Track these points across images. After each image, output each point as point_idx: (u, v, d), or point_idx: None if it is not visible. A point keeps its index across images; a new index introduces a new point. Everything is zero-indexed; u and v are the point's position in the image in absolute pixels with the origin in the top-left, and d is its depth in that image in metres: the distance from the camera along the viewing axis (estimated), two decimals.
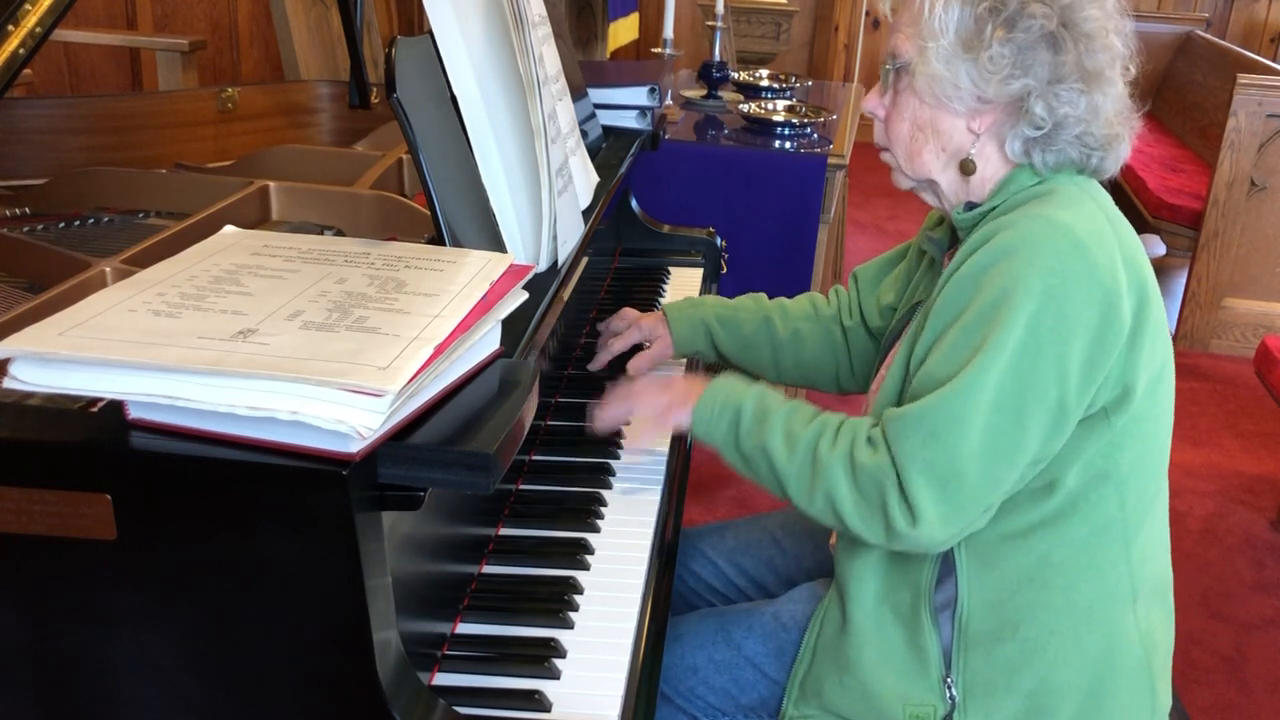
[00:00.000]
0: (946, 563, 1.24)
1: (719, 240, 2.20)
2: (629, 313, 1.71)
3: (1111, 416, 1.20)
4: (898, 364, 1.28)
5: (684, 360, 1.72)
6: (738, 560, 1.59)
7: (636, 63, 3.28)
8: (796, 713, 1.32)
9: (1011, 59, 1.21)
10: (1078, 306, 1.14)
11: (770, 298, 1.68)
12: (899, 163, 1.34)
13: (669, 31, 3.34)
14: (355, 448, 0.79)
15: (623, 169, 1.80)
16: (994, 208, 1.25)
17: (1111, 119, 1.24)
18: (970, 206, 1.30)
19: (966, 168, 1.28)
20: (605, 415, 1.41)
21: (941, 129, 1.28)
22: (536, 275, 1.27)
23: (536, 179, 1.26)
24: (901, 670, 1.26)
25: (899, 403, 1.25)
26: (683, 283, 2.11)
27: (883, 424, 1.20)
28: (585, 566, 1.24)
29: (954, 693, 1.24)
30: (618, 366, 1.65)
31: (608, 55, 3.97)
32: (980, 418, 1.14)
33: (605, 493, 1.38)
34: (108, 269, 1.26)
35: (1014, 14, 1.20)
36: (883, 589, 1.28)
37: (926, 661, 1.25)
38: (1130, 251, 1.22)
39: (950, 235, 1.40)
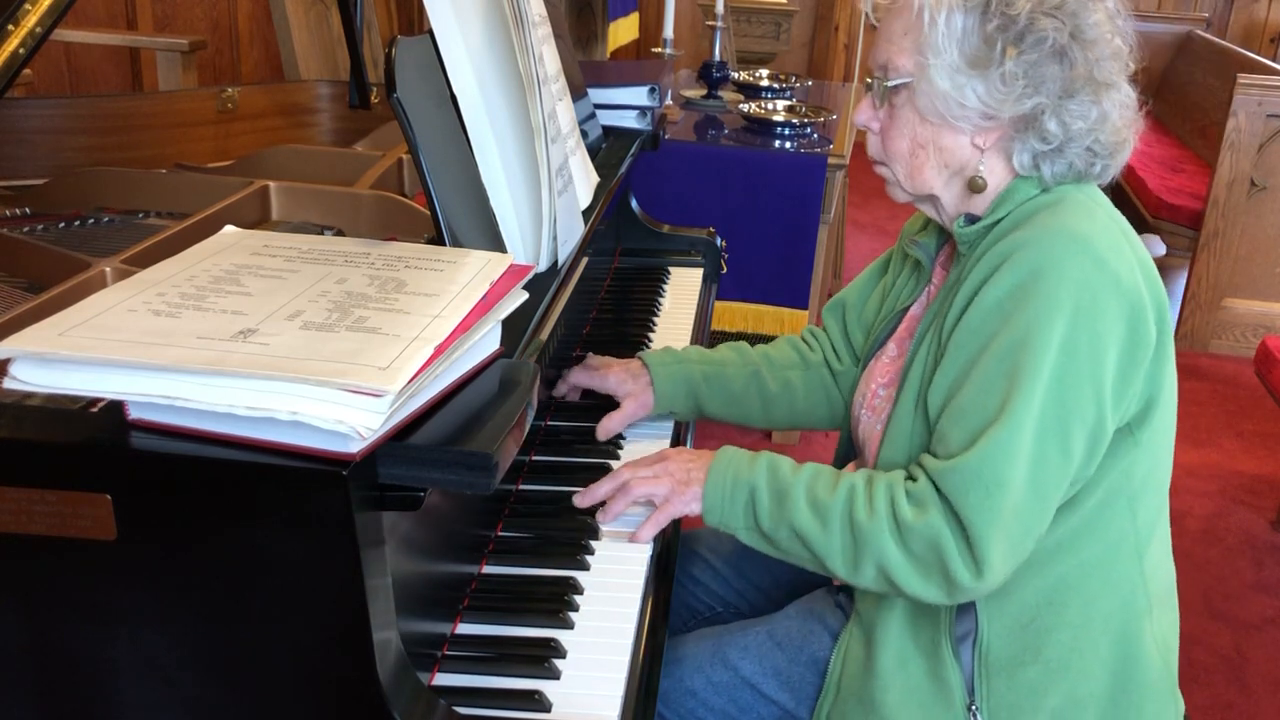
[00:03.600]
0: None
1: (719, 240, 2.20)
2: (598, 361, 1.59)
3: (1136, 431, 1.19)
4: (909, 393, 1.25)
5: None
6: (738, 565, 1.58)
7: (636, 63, 3.28)
8: None
9: (1024, 77, 1.17)
10: (1108, 322, 1.12)
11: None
12: (898, 179, 1.30)
13: (669, 31, 3.35)
14: (355, 448, 0.78)
15: (623, 169, 1.80)
16: (998, 221, 1.22)
17: (1119, 125, 1.22)
18: (970, 219, 1.26)
19: (975, 185, 1.24)
20: (605, 513, 1.30)
21: (944, 146, 1.24)
22: (536, 275, 1.27)
23: (536, 179, 1.26)
24: (926, 704, 1.24)
25: (921, 437, 1.22)
26: (683, 283, 2.11)
27: (930, 475, 1.15)
28: (585, 566, 1.24)
29: (979, 719, 1.23)
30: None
31: (608, 55, 3.97)
32: (1027, 448, 1.11)
33: None
34: (108, 269, 1.26)
35: (1024, 29, 1.16)
36: (905, 626, 1.26)
37: (950, 692, 1.23)
38: (1145, 264, 1.20)
39: (939, 240, 1.38)
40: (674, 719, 1.37)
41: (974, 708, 1.23)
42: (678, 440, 1.48)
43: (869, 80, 1.29)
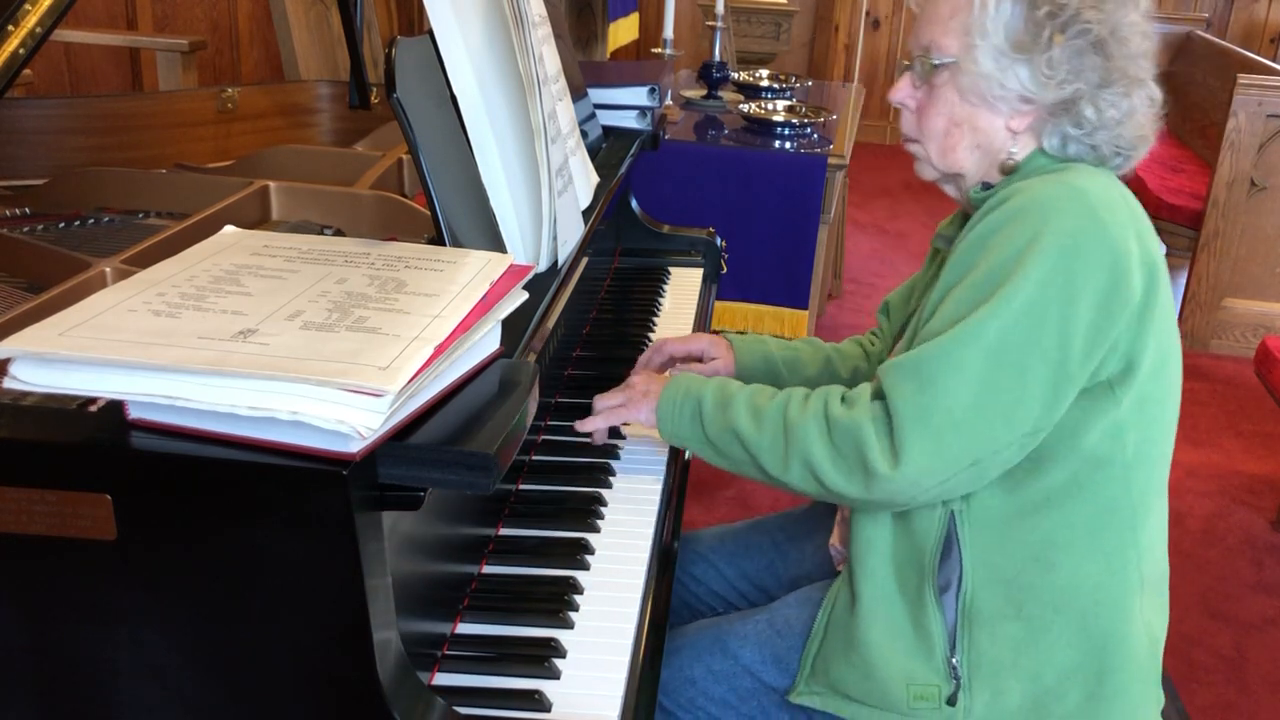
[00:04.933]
0: (949, 540, 1.24)
1: (719, 240, 2.20)
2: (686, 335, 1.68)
3: (1116, 389, 1.20)
4: (906, 340, 1.29)
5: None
6: (739, 564, 1.59)
7: (636, 63, 3.28)
8: (806, 689, 1.32)
9: (1067, 64, 1.21)
10: (1088, 267, 1.14)
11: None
12: (929, 156, 1.34)
13: (669, 31, 3.35)
14: (355, 448, 0.79)
15: (623, 169, 1.80)
16: (1009, 186, 1.26)
17: (1142, 121, 1.26)
18: (985, 186, 1.31)
19: (1005, 168, 1.29)
20: (586, 426, 1.41)
21: (980, 126, 1.28)
22: (536, 275, 1.27)
23: (536, 179, 1.26)
24: (907, 650, 1.26)
25: None
26: (683, 283, 2.11)
27: (878, 375, 1.20)
28: (585, 566, 1.24)
29: (959, 672, 1.24)
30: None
31: (608, 55, 3.98)
32: (978, 366, 1.14)
33: (605, 492, 1.38)
34: (108, 269, 1.26)
35: (1070, 19, 1.21)
36: (890, 567, 1.28)
37: (931, 641, 1.25)
38: (1143, 229, 1.23)
39: (959, 228, 1.40)
40: (674, 708, 1.38)
41: (954, 660, 1.24)
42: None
43: (907, 61, 1.34)
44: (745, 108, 3.15)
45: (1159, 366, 1.23)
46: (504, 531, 1.29)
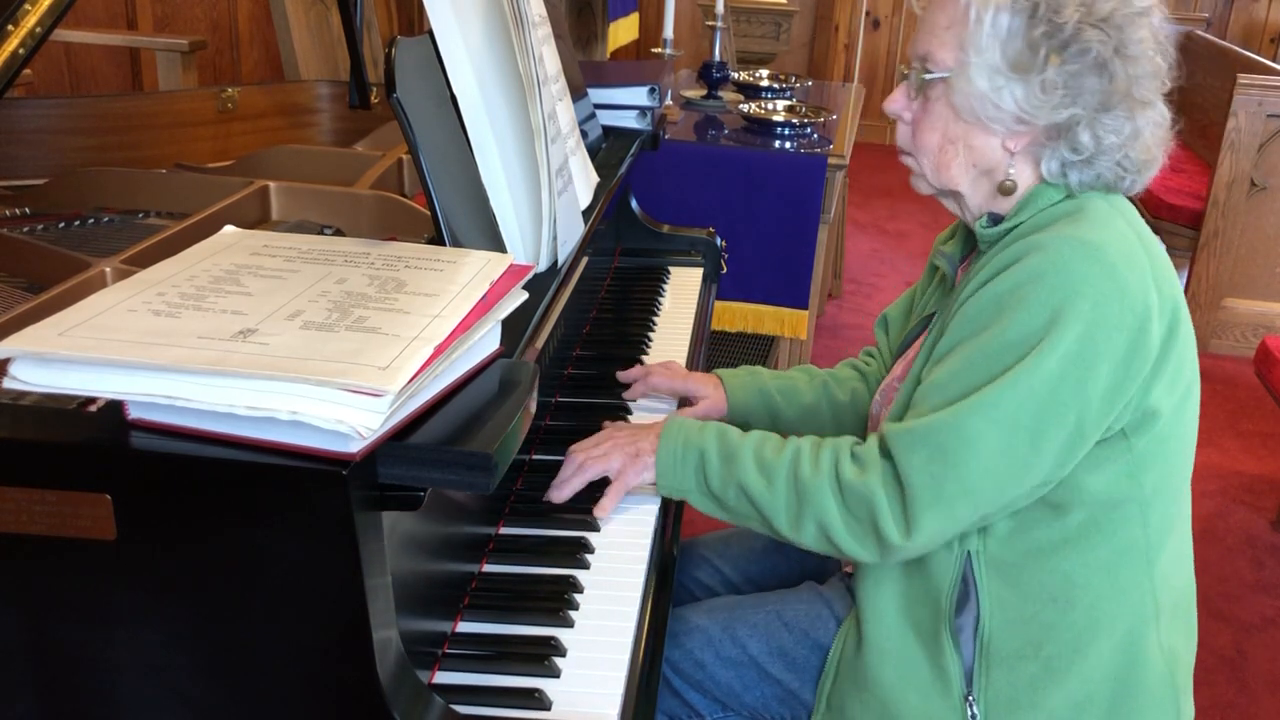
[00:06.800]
0: (966, 584, 1.23)
1: (719, 240, 2.20)
2: (677, 366, 1.64)
3: (1131, 438, 1.18)
4: (910, 380, 1.26)
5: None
6: (742, 566, 1.59)
7: (636, 63, 3.28)
8: None
9: (1064, 86, 1.16)
10: (1110, 336, 1.11)
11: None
12: (923, 171, 1.30)
13: (669, 31, 3.35)
14: (355, 448, 0.79)
15: (623, 169, 1.80)
16: (1020, 224, 1.22)
17: (1150, 143, 1.21)
18: (994, 219, 1.26)
19: (1005, 189, 1.24)
20: (560, 492, 1.32)
21: (975, 145, 1.24)
22: (536, 275, 1.27)
23: (536, 179, 1.26)
24: (922, 689, 1.25)
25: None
26: (683, 283, 2.11)
27: (884, 437, 1.17)
28: (585, 565, 1.24)
29: (975, 710, 1.23)
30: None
31: (608, 55, 3.97)
32: (992, 438, 1.11)
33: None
34: (108, 269, 1.26)
35: (1069, 38, 1.15)
36: (901, 607, 1.27)
37: (948, 680, 1.24)
38: (1161, 271, 1.19)
39: (963, 249, 1.38)
40: (682, 688, 1.39)
41: (971, 698, 1.23)
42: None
43: (905, 69, 1.28)
44: (745, 108, 3.15)
45: (1179, 405, 1.21)
46: (504, 530, 1.29)
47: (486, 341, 0.97)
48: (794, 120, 3.05)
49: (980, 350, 1.14)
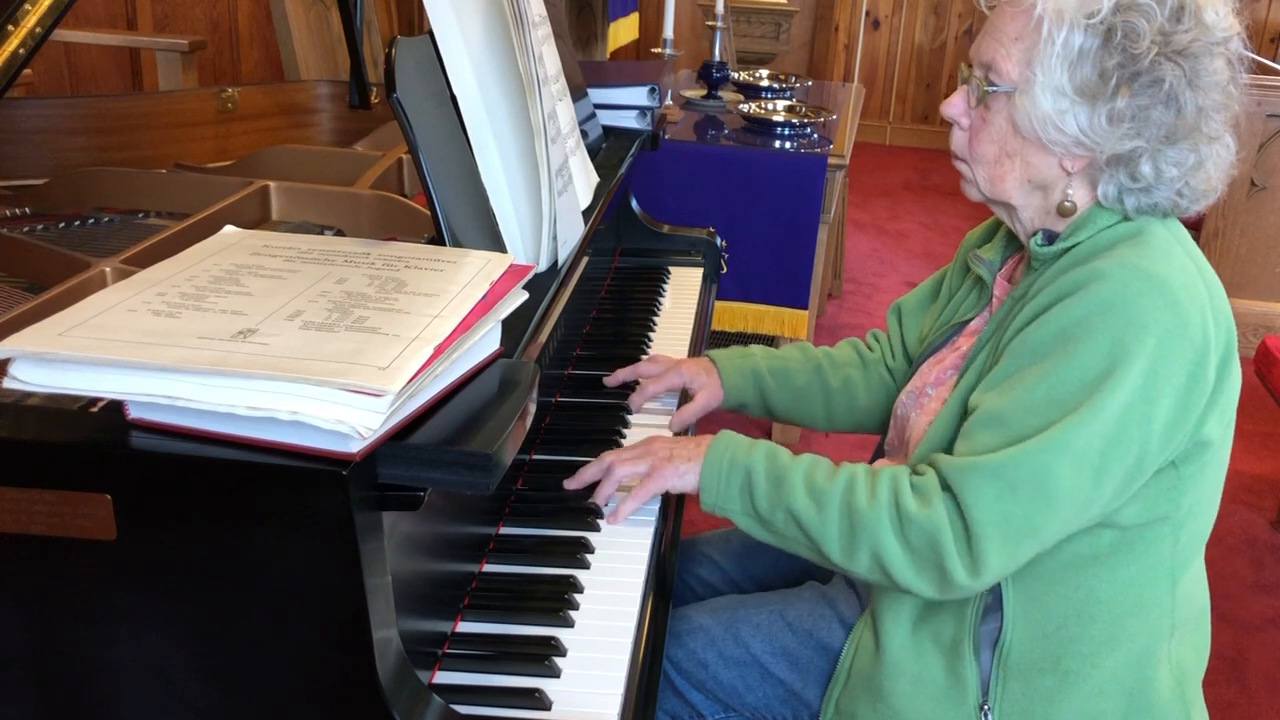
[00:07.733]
0: (994, 596, 1.22)
1: (719, 240, 2.20)
2: (663, 358, 1.62)
3: (1181, 467, 1.18)
4: (958, 397, 1.24)
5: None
6: (744, 564, 1.59)
7: (636, 63, 3.28)
8: None
9: (1131, 119, 1.13)
10: (1172, 371, 1.10)
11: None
12: (977, 180, 1.27)
13: (669, 31, 3.35)
14: (355, 448, 0.79)
15: (623, 169, 1.80)
16: (1076, 245, 1.20)
17: (1211, 174, 1.19)
18: (1049, 236, 1.24)
19: (1064, 210, 1.22)
20: (575, 480, 1.32)
21: (1032, 161, 1.21)
22: (536, 275, 1.27)
23: (536, 179, 1.27)
24: (937, 698, 1.24)
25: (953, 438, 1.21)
26: (683, 283, 2.11)
27: (942, 471, 1.15)
28: (585, 565, 1.24)
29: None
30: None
31: (608, 55, 3.98)
32: (1064, 475, 1.10)
33: None
34: (108, 269, 1.26)
35: (1143, 70, 1.12)
36: (919, 620, 1.26)
37: (965, 689, 1.23)
38: (1218, 302, 1.18)
39: (1003, 256, 1.37)
40: (684, 685, 1.39)
41: (986, 708, 1.23)
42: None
43: (966, 73, 1.25)
44: (745, 108, 3.15)
45: (1224, 431, 1.21)
46: (504, 530, 1.29)
47: (486, 341, 0.97)
48: (794, 120, 3.05)
49: (1044, 383, 1.12)
